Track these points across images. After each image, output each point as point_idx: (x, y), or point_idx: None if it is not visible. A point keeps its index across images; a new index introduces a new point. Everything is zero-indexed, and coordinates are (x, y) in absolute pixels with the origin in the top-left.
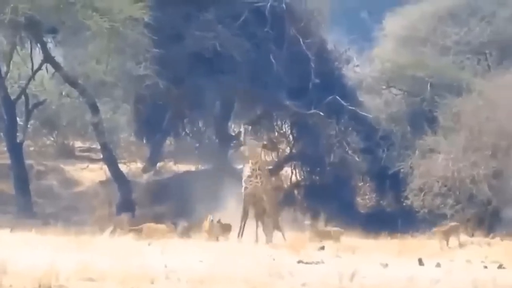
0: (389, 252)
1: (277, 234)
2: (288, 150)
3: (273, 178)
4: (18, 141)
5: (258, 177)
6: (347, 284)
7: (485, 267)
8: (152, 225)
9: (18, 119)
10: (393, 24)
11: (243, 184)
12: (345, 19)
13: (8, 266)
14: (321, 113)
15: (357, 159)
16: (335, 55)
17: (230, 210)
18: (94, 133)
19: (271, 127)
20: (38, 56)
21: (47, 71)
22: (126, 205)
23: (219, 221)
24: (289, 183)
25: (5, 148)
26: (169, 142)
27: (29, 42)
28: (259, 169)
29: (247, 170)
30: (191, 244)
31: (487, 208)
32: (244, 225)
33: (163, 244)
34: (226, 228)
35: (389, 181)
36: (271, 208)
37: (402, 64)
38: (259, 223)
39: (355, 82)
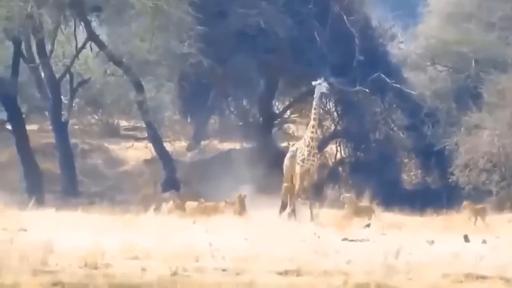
0: (434, 229)
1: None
2: (332, 127)
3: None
4: (63, 120)
5: (316, 156)
6: (393, 262)
7: None
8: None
9: (62, 97)
10: (438, 0)
11: (300, 162)
12: None
13: (54, 245)
14: (366, 90)
15: (402, 135)
16: (379, 32)
17: (273, 187)
18: (139, 111)
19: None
20: (82, 34)
21: (91, 50)
22: (171, 184)
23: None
24: (333, 160)
25: (50, 127)
26: (213, 121)
27: (73, 21)
28: (315, 148)
29: (303, 150)
30: (236, 222)
31: None
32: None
33: (207, 222)
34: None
35: (435, 158)
36: (309, 183)
37: (447, 40)
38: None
39: (399, 59)
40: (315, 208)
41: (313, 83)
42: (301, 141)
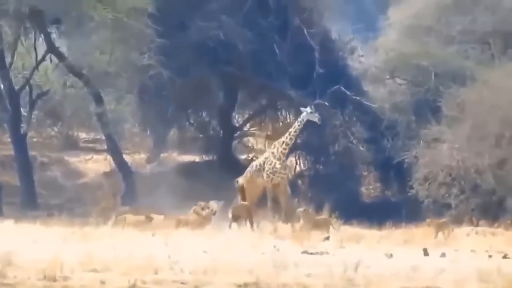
0: (393, 242)
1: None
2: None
3: None
4: (22, 132)
5: (287, 170)
6: (352, 275)
7: (490, 256)
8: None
9: (22, 109)
10: (398, 13)
11: (270, 175)
12: (350, 8)
13: (13, 258)
14: (326, 103)
15: (361, 148)
16: (339, 45)
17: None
18: (98, 124)
19: (275, 117)
20: (42, 46)
21: (51, 62)
22: (130, 196)
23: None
24: (293, 173)
25: (9, 139)
26: (173, 133)
27: (33, 33)
28: (285, 162)
29: (274, 163)
30: (196, 234)
31: (491, 197)
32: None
33: (167, 235)
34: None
35: (394, 171)
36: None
37: (406, 53)
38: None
39: (359, 72)
40: (275, 221)
41: (302, 109)
42: (266, 156)
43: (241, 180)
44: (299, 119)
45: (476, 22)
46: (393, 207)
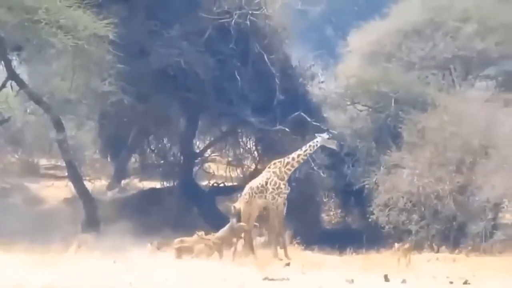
0: (354, 268)
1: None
2: (253, 166)
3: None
4: None
5: (288, 190)
6: None
7: (451, 282)
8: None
9: None
10: (358, 40)
11: (275, 196)
12: (310, 35)
13: None
14: (287, 129)
15: (322, 175)
16: (299, 71)
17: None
18: (59, 150)
19: (236, 144)
20: (2, 73)
21: (11, 89)
22: (91, 223)
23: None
24: None
25: None
26: (134, 159)
27: None
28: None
29: (278, 183)
30: (157, 261)
31: (452, 223)
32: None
33: (128, 261)
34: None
35: (354, 197)
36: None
37: (367, 80)
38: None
39: (320, 98)
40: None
41: (317, 134)
42: (266, 176)
43: (238, 204)
44: (311, 144)
45: (436, 48)
46: (354, 233)
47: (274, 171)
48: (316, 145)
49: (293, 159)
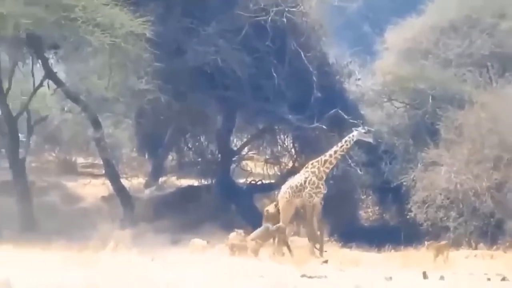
0: (392, 265)
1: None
2: (291, 163)
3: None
4: (20, 157)
5: (325, 189)
6: None
7: (488, 279)
8: None
9: (20, 135)
10: (395, 37)
11: (313, 195)
12: (347, 32)
13: (12, 284)
14: (324, 127)
15: (359, 172)
16: (336, 69)
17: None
18: (96, 148)
19: (273, 141)
20: (39, 72)
21: (48, 87)
22: (129, 221)
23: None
24: None
25: (7, 165)
26: (171, 157)
27: (30, 58)
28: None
29: (317, 183)
30: (195, 259)
31: (490, 220)
32: None
33: (166, 259)
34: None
35: (392, 194)
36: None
37: (403, 77)
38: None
39: (357, 96)
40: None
41: (354, 129)
42: (305, 176)
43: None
44: (347, 139)
45: (473, 45)
46: (392, 230)
47: (313, 170)
48: (353, 140)
49: (330, 156)
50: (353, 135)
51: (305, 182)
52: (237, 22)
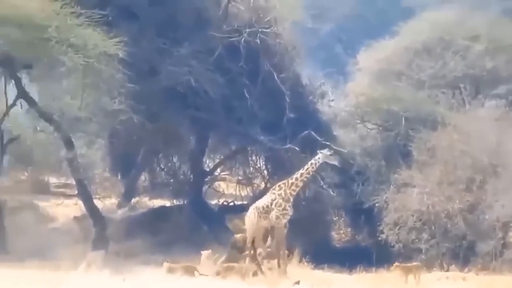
0: (364, 287)
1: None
2: (263, 184)
3: None
4: None
5: (292, 212)
6: None
7: None
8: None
9: None
10: (368, 58)
11: (280, 217)
12: (320, 54)
13: None
14: (296, 148)
15: (332, 193)
16: (309, 90)
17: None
18: (69, 168)
19: (246, 162)
20: (12, 91)
21: (21, 107)
22: (101, 241)
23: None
24: None
25: None
26: (143, 178)
27: (3, 78)
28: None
29: (284, 205)
30: (165, 279)
31: (462, 242)
32: None
33: (138, 280)
34: None
35: (364, 216)
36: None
37: (376, 98)
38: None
39: (330, 117)
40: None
41: (319, 151)
42: (271, 198)
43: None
44: (312, 161)
45: (446, 67)
46: (364, 252)
47: (280, 193)
48: (318, 162)
49: (296, 179)
50: (318, 158)
51: (271, 204)
52: (211, 42)
